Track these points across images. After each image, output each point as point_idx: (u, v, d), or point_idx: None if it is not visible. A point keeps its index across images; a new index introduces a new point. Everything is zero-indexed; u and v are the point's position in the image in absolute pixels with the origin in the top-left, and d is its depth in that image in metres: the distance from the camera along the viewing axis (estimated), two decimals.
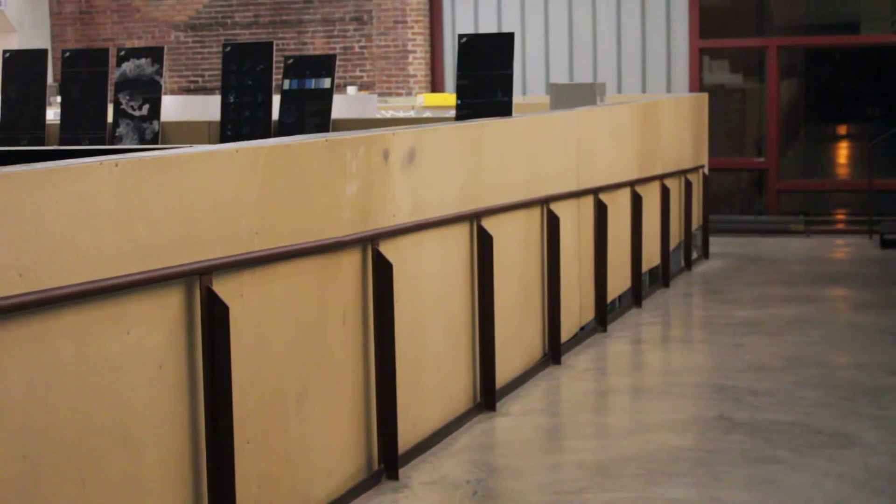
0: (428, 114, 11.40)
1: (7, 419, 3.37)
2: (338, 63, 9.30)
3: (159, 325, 4.00)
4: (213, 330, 4.16)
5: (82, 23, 17.84)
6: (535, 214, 7.54)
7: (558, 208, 7.74)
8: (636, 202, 9.70)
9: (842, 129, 16.64)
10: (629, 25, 15.73)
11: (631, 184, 9.66)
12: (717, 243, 13.21)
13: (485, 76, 7.99)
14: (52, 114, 9.44)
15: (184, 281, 4.09)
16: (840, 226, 15.23)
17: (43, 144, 8.77)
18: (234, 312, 4.22)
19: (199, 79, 17.40)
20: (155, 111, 8.55)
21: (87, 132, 8.67)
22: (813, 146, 16.52)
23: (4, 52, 9.04)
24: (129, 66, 8.65)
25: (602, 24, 15.82)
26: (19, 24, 15.81)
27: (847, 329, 9.04)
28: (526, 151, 7.48)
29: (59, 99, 9.20)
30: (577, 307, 8.35)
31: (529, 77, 16.04)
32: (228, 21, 17.19)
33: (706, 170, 12.95)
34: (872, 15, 15.60)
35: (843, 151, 16.82)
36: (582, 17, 15.89)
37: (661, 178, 10.68)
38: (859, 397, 6.87)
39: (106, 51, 8.94)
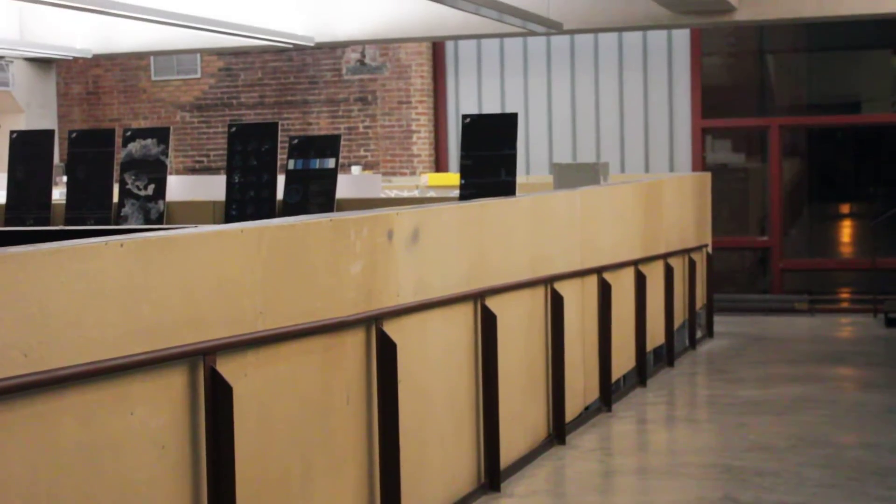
0: (432, 193, 11.45)
1: (10, 499, 3.35)
2: (342, 143, 9.36)
3: (163, 405, 3.99)
4: (217, 410, 4.15)
5: (89, 103, 17.99)
6: (539, 293, 7.55)
7: (562, 287, 7.74)
8: (640, 281, 9.70)
9: (844, 208, 16.69)
10: (632, 105, 15.85)
11: (634, 263, 9.67)
12: (721, 322, 13.20)
13: (488, 156, 8.03)
14: (58, 193, 9.48)
15: (187, 361, 4.09)
16: (844, 305, 15.22)
17: (48, 224, 8.79)
18: (237, 392, 4.21)
19: (205, 158, 17.51)
20: (160, 191, 8.59)
21: (92, 212, 8.71)
22: (816, 225, 16.56)
23: (12, 132, 9.10)
24: (135, 147, 8.70)
25: (605, 104, 15.94)
26: (27, 104, 15.94)
27: (853, 408, 9.00)
28: (530, 231, 7.50)
29: (65, 179, 9.26)
30: (581, 386, 8.32)
31: (533, 157, 16.13)
32: (234, 101, 17.33)
33: (710, 249, 12.97)
34: (873, 95, 15.72)
35: (846, 230, 16.86)
36: (585, 97, 16.01)
37: (664, 257, 10.69)
38: (866, 478, 6.83)
39: (112, 131, 9.00)
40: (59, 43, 14.87)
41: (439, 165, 16.61)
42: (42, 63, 16.17)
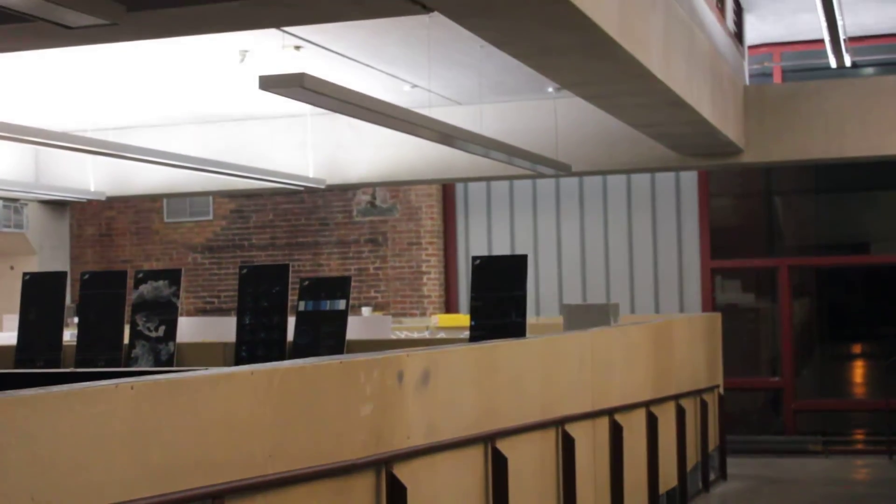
0: (442, 334, 11.46)
1: None
2: (353, 284, 9.40)
3: None
4: None
5: (102, 245, 18.13)
6: (550, 436, 7.49)
7: (573, 429, 7.69)
8: (651, 423, 9.63)
9: (856, 348, 16.64)
10: (641, 246, 15.93)
11: (646, 404, 9.62)
12: (734, 464, 13.06)
13: (498, 297, 8.05)
14: (69, 335, 9.50)
15: None
16: (859, 446, 15.07)
17: (59, 366, 8.79)
18: None
19: (216, 300, 17.57)
20: (171, 332, 8.60)
21: (102, 354, 8.71)
22: (828, 365, 16.50)
23: (25, 274, 9.16)
24: (146, 288, 8.74)
25: (614, 244, 16.03)
26: (40, 246, 16.07)
27: None
28: (540, 372, 7.47)
29: (76, 320, 9.29)
30: None
31: (543, 298, 16.16)
32: (245, 243, 17.46)
33: (721, 389, 12.90)
34: (882, 235, 15.78)
35: (858, 370, 16.78)
36: (594, 237, 16.11)
37: (675, 398, 10.63)
38: None
39: (124, 273, 9.05)
40: (73, 185, 15.06)
41: (449, 306, 16.64)
42: (56, 205, 16.35)
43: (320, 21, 7.63)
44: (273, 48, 10.51)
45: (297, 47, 10.62)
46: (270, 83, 7.77)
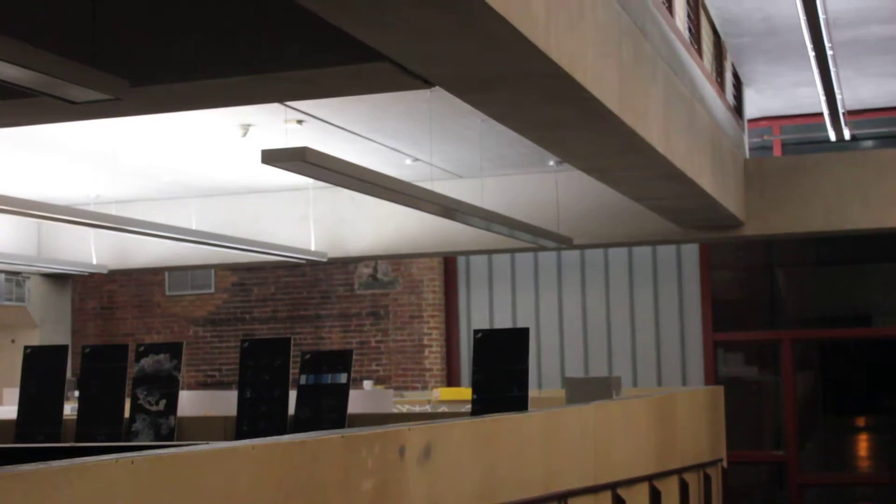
0: (444, 408, 11.41)
1: None
2: (354, 357, 9.38)
3: None
4: None
5: (103, 318, 18.12)
6: None
7: None
8: (654, 497, 9.56)
9: (860, 422, 16.56)
10: (643, 319, 15.91)
11: (649, 478, 9.55)
12: None
13: (500, 370, 8.03)
14: (70, 408, 9.47)
15: None
16: None
17: (59, 440, 8.75)
18: None
19: (217, 373, 17.52)
20: (172, 406, 8.57)
21: (103, 428, 8.68)
22: (832, 439, 16.41)
23: (26, 348, 9.15)
24: (147, 362, 8.73)
25: (616, 317, 16.02)
26: (41, 319, 16.07)
27: None
28: (542, 446, 7.44)
29: (77, 394, 9.27)
30: None
31: (545, 371, 16.12)
32: (247, 316, 17.45)
33: (725, 463, 12.81)
34: (884, 308, 15.77)
35: (863, 444, 16.69)
36: (596, 310, 16.09)
37: (679, 472, 10.56)
38: None
39: (125, 347, 9.03)
40: (75, 259, 15.08)
41: (451, 380, 16.59)
42: (58, 278, 16.36)
43: (322, 96, 7.68)
44: (275, 122, 10.58)
45: (300, 121, 10.68)
46: (273, 157, 7.81)
